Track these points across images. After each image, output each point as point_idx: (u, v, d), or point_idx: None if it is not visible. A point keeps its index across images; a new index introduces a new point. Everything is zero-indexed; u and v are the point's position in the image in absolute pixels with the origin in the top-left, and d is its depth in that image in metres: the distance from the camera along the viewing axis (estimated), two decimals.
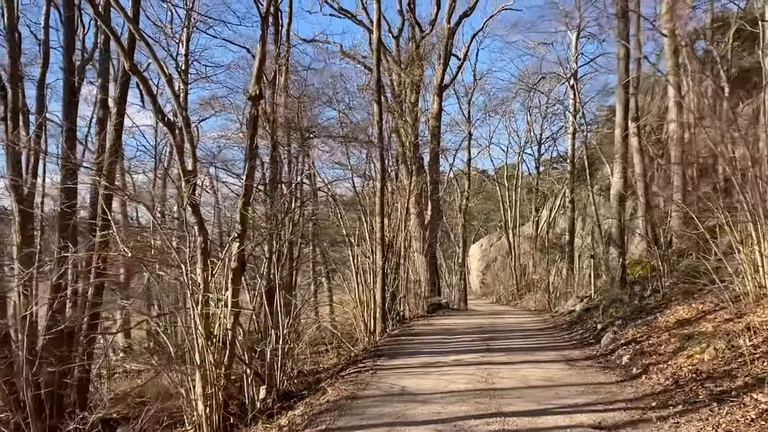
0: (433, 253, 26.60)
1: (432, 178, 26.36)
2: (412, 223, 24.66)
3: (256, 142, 8.48)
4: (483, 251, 54.27)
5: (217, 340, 8.97)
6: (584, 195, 35.27)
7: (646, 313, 11.26)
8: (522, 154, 46.21)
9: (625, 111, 15.27)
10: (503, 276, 45.26)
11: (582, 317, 14.32)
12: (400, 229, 20.45)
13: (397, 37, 27.58)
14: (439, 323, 16.79)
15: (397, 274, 20.03)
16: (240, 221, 8.81)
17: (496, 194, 50.61)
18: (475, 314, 21.45)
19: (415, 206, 24.86)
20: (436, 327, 15.82)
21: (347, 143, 16.67)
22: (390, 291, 18.58)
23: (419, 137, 25.34)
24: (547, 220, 44.46)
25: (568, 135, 32.00)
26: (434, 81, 27.88)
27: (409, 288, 21.92)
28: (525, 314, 20.70)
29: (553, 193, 46.88)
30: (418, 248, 24.82)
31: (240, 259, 8.91)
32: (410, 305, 21.29)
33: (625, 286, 15.14)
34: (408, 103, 25.84)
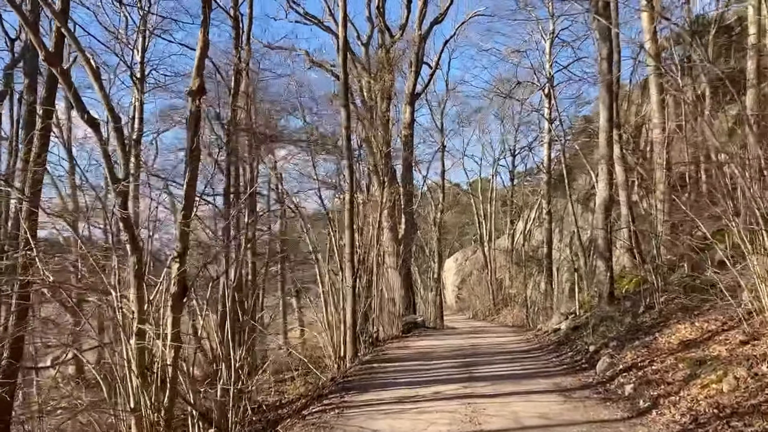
0: (408, 268, 25.39)
1: (405, 190, 25.20)
2: (385, 237, 23.47)
3: (197, 144, 7.20)
4: (458, 265, 53.29)
5: (155, 377, 7.64)
6: (560, 206, 34.51)
7: (643, 332, 10.18)
8: (496, 166, 45.45)
9: (610, 113, 14.33)
10: (479, 290, 44.23)
11: (570, 337, 13.21)
12: (372, 244, 19.27)
13: (366, 44, 26.54)
14: (416, 345, 15.56)
15: (369, 293, 18.79)
16: (179, 238, 7.50)
17: (471, 207, 49.73)
18: (453, 333, 20.26)
19: (388, 219, 23.69)
20: (412, 350, 14.58)
21: (313, 151, 15.42)
22: (362, 311, 17.33)
23: (391, 148, 24.22)
24: (523, 233, 43.67)
25: (544, 144, 31.18)
26: (406, 89, 26.85)
27: (383, 306, 20.69)
28: (506, 332, 19.58)
29: (528, 205, 46.17)
30: (392, 264, 23.61)
31: (181, 283, 7.58)
32: (384, 325, 20.05)
33: (613, 302, 14.08)
34: (379, 112, 24.75)
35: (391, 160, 24.20)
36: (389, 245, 23.82)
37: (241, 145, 13.78)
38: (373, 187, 23.14)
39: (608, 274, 14.07)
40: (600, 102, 14.51)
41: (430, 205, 41.49)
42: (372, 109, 23.67)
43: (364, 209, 19.59)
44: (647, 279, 14.91)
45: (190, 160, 7.32)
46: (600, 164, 14.37)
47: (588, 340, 11.98)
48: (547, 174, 30.85)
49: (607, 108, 14.27)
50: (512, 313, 35.98)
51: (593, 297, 16.80)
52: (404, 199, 25.27)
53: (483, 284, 43.54)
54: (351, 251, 14.45)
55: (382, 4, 25.33)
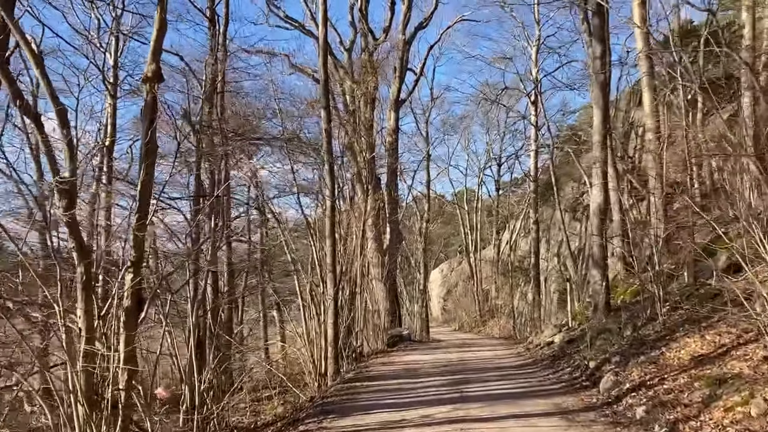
0: (393, 279, 24.53)
1: (390, 198, 24.40)
2: (369, 247, 22.62)
3: (152, 137, 6.33)
4: (443, 276, 52.58)
5: (106, 405, 6.71)
6: (547, 215, 33.90)
7: (648, 346, 9.40)
8: (482, 175, 44.86)
9: (604, 114, 13.65)
10: (465, 302, 43.47)
11: (565, 351, 12.41)
12: (355, 254, 18.41)
13: (350, 49, 25.79)
14: (401, 360, 14.68)
15: (353, 305, 17.90)
16: (133, 245, 6.59)
17: (456, 218, 49.04)
18: (440, 347, 19.39)
19: (373, 229, 22.85)
20: (398, 366, 13.70)
21: (290, 152, 14.55)
22: (345, 324, 16.44)
23: (376, 153, 23.42)
24: (509, 243, 43.02)
25: (531, 153, 30.56)
26: (390, 95, 26.15)
27: (368, 319, 19.78)
28: (495, 345, 18.75)
29: (514, 216, 45.59)
30: (377, 275, 22.75)
31: (135, 296, 6.67)
32: (368, 339, 19.15)
33: (610, 313, 13.32)
34: (362, 117, 23.97)
35: (376, 167, 23.41)
36: (374, 255, 22.98)
37: (215, 146, 12.90)
38: (357, 195, 22.30)
39: (604, 283, 13.32)
40: (593, 103, 13.84)
41: (415, 216, 40.72)
42: (355, 114, 22.88)
43: (348, 217, 18.73)
44: (645, 288, 14.20)
45: (145, 155, 6.43)
46: (594, 167, 13.67)
47: (586, 354, 11.18)
48: (534, 182, 30.19)
49: (601, 109, 13.59)
50: (499, 325, 35.26)
51: (587, 308, 16.05)
52: (389, 207, 24.48)
53: (469, 295, 42.82)
54: (332, 261, 13.58)
55: (365, 6, 24.60)
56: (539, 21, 30.59)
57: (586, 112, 41.47)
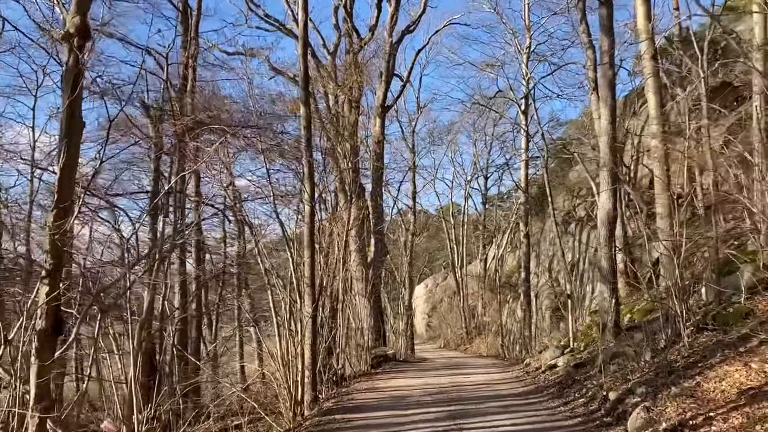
0: (378, 295, 23.07)
1: (375, 208, 23.00)
2: (352, 260, 21.18)
3: (76, 111, 4.90)
4: (428, 292, 51.25)
5: None
6: (537, 229, 32.67)
7: (678, 375, 8.03)
8: (468, 188, 43.70)
9: (612, 114, 12.40)
10: (451, 318, 42.06)
11: (573, 377, 11.02)
12: (338, 267, 16.95)
13: (333, 53, 24.49)
14: (387, 386, 13.20)
15: (334, 323, 16.43)
16: (50, 249, 5.12)
17: (441, 232, 47.81)
18: (428, 368, 17.92)
19: (356, 240, 21.41)
20: (384, 392, 12.23)
21: (266, 153, 13.10)
22: (325, 344, 14.95)
23: (360, 157, 22.06)
24: (496, 258, 41.83)
25: (521, 163, 29.39)
26: (376, 101, 24.83)
27: (350, 336, 18.27)
28: (488, 367, 17.31)
29: (501, 230, 44.46)
30: (360, 290, 21.27)
31: (51, 315, 5.19)
32: (351, 359, 17.63)
33: (619, 334, 11.97)
34: (347, 123, 22.62)
35: (359, 175, 22.04)
36: (357, 269, 21.53)
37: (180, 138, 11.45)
38: (340, 204, 20.86)
39: (613, 300, 11.98)
40: (600, 102, 12.61)
41: (400, 229, 39.33)
42: (338, 118, 21.52)
43: (330, 227, 17.30)
44: (662, 306, 12.90)
45: (66, 131, 4.98)
46: (601, 171, 12.39)
47: (598, 381, 9.81)
48: (525, 194, 28.99)
49: (609, 108, 12.34)
50: (486, 343, 33.94)
51: (590, 327, 14.73)
52: (374, 217, 23.08)
53: (455, 312, 41.45)
54: (311, 274, 12.11)
55: (350, 4, 23.34)
56: (530, 28, 29.66)
57: (576, 123, 40.58)
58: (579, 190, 29.37)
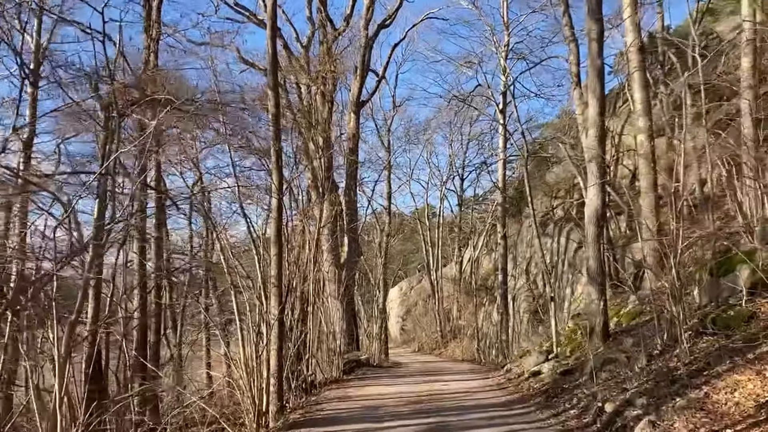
0: (351, 297, 22.15)
1: (349, 206, 22.07)
2: (324, 261, 20.21)
3: None
4: (402, 295, 50.44)
5: None
6: (514, 231, 32.05)
7: (681, 384, 7.27)
8: (444, 189, 43.04)
9: (601, 105, 11.67)
10: (425, 322, 41.31)
11: (560, 385, 10.22)
12: (308, 268, 16.00)
13: (307, 46, 23.56)
14: (360, 394, 12.28)
15: (304, 326, 15.46)
16: None
17: (416, 234, 47.05)
18: (403, 373, 17.04)
19: (329, 240, 20.48)
20: (356, 402, 11.30)
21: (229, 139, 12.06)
22: (294, 349, 13.97)
23: (333, 153, 21.12)
24: (472, 260, 41.20)
25: (499, 162, 28.70)
26: (350, 96, 23.95)
27: (322, 340, 17.30)
28: (466, 372, 16.49)
29: (477, 232, 43.87)
30: (333, 292, 20.32)
31: None
32: (322, 364, 16.67)
33: (608, 339, 11.25)
34: (320, 118, 21.67)
35: (333, 172, 21.10)
36: (330, 270, 20.57)
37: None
38: (312, 203, 19.89)
39: (602, 303, 11.24)
40: (588, 92, 11.87)
41: (375, 230, 38.41)
42: (311, 112, 20.55)
43: (301, 224, 16.35)
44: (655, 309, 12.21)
45: None
46: (589, 165, 11.64)
47: (590, 390, 9.03)
48: (503, 195, 28.31)
49: (598, 98, 11.62)
50: (461, 346, 33.28)
51: (574, 331, 13.99)
52: (347, 216, 22.14)
53: (429, 315, 40.73)
54: (278, 273, 11.14)
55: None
56: (508, 25, 29.04)
57: (552, 125, 40.17)
58: (557, 191, 28.83)
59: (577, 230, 23.18)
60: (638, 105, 15.17)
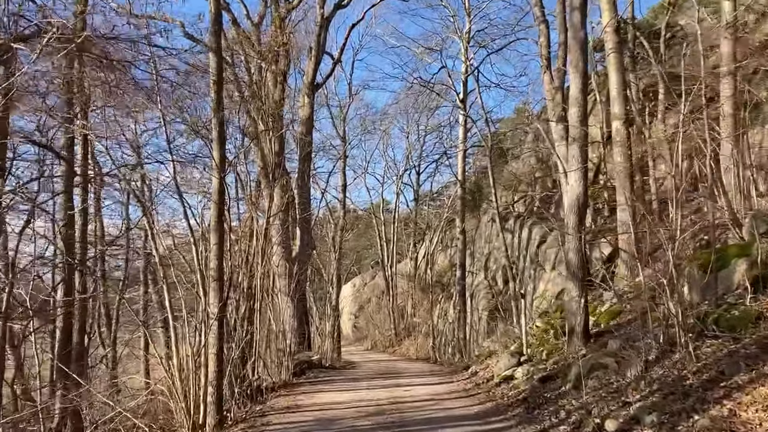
0: (303, 293, 20.63)
1: (301, 196, 20.56)
2: (275, 254, 18.68)
3: None
4: (355, 292, 49.16)
5: None
6: (471, 226, 31.10)
7: (696, 398, 6.15)
8: (400, 184, 41.85)
9: (584, 82, 10.57)
10: (379, 319, 40.03)
11: (540, 393, 9.04)
12: (256, 261, 14.51)
13: (258, 24, 21.86)
14: (313, 403, 10.86)
15: (251, 325, 13.95)
16: None
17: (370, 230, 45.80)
18: (359, 376, 15.69)
19: (279, 231, 18.93)
20: (308, 413, 9.87)
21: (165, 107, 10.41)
22: (238, 350, 12.48)
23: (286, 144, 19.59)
24: (428, 256, 40.20)
25: (459, 154, 27.63)
26: (304, 78, 22.43)
27: (271, 340, 15.78)
28: (427, 375, 15.23)
29: (432, 228, 42.89)
30: (284, 288, 18.78)
31: None
32: (270, 366, 15.16)
33: (589, 341, 10.17)
34: (270, 101, 20.05)
35: (284, 157, 19.56)
36: (280, 264, 19.02)
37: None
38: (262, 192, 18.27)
39: (582, 301, 10.14)
40: (571, 68, 10.74)
41: (328, 224, 36.88)
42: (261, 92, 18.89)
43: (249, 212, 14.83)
44: (624, 309, 11.20)
45: None
46: (570, 148, 10.51)
47: (579, 401, 7.87)
48: (462, 187, 27.26)
49: (581, 74, 10.51)
50: (416, 345, 32.15)
51: (545, 331, 12.90)
52: (300, 207, 20.63)
53: (383, 312, 39.49)
54: (219, 265, 9.63)
55: None
56: (470, 12, 28.01)
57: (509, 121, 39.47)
58: (518, 185, 27.99)
59: (541, 225, 22.31)
60: (613, 90, 14.21)
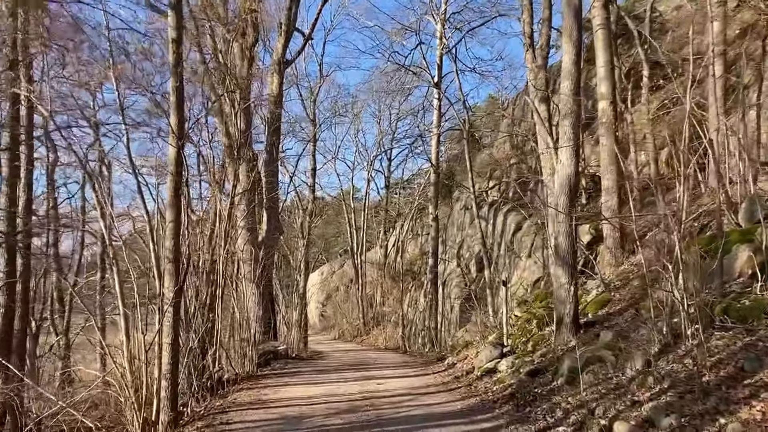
0: (269, 280, 19.63)
1: (269, 177, 19.51)
2: (240, 239, 17.63)
3: None
4: (323, 280, 48.21)
5: None
6: (444, 214, 30.35)
7: (719, 397, 5.42)
8: (371, 170, 40.94)
9: (577, 52, 9.77)
10: (347, 308, 39.19)
11: (529, 388, 8.28)
12: (218, 244, 13.48)
13: None
14: (278, 398, 9.93)
15: (212, 312, 12.94)
16: None
17: (340, 218, 44.82)
18: (328, 367, 14.80)
19: (246, 216, 17.84)
20: (274, 410, 8.95)
21: None
22: (197, 340, 11.50)
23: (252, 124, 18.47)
24: (398, 244, 39.46)
25: (433, 139, 26.80)
26: (274, 55, 21.29)
27: (234, 329, 14.77)
28: (402, 367, 14.41)
29: (403, 215, 42.13)
30: (249, 274, 17.76)
31: None
32: (232, 358, 14.18)
33: (579, 331, 9.44)
34: (237, 75, 18.89)
35: (251, 131, 18.45)
36: (245, 249, 17.98)
37: None
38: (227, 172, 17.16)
39: (572, 288, 9.40)
40: (564, 38, 9.94)
41: (297, 210, 35.73)
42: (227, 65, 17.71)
43: (212, 189, 13.77)
44: (612, 298, 10.53)
45: None
46: (562, 123, 9.74)
47: (575, 398, 7.12)
48: (436, 172, 26.47)
49: (574, 44, 9.72)
50: (385, 334, 31.48)
51: (528, 321, 12.18)
52: (267, 189, 19.58)
53: (351, 301, 38.67)
54: (175, 245, 8.60)
55: None
56: None
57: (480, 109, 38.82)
58: (492, 172, 27.31)
59: (517, 212, 21.65)
60: (600, 68, 13.49)
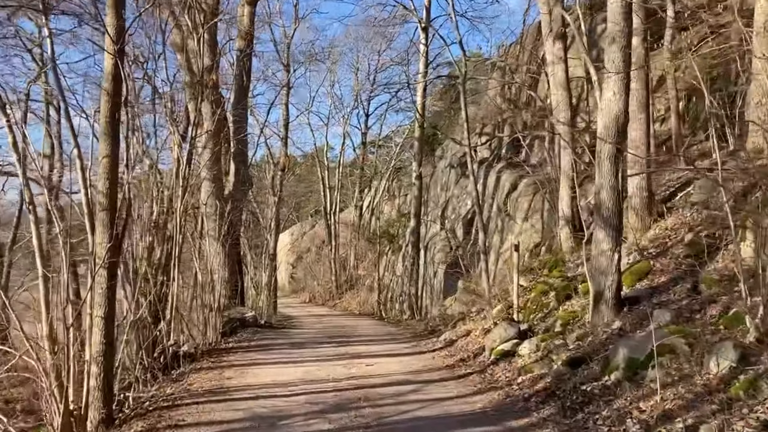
0: (237, 239, 17.50)
1: (237, 125, 17.21)
2: (203, 191, 15.46)
3: None
4: (293, 240, 46.18)
5: None
6: (426, 173, 28.32)
7: None
8: (347, 125, 38.61)
9: None
10: (318, 270, 37.28)
11: (572, 384, 6.40)
12: (176, 193, 11.33)
13: None
14: (246, 384, 7.96)
15: (167, 275, 10.86)
16: None
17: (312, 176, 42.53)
18: (304, 340, 12.89)
19: (210, 165, 15.61)
20: (239, 404, 6.98)
21: None
22: (147, 305, 9.44)
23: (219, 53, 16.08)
24: (373, 204, 37.48)
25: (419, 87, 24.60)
26: None
27: (196, 295, 12.66)
28: (390, 341, 12.52)
29: (379, 175, 40.05)
30: (213, 231, 15.58)
31: None
32: (194, 326, 12.14)
33: (622, 310, 7.61)
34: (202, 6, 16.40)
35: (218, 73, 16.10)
36: (210, 203, 15.77)
37: None
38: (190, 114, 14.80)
39: (616, 256, 7.53)
40: None
41: (267, 165, 33.29)
42: None
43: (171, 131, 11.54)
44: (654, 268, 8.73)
45: None
46: (608, 50, 7.72)
47: (646, 404, 5.29)
48: (421, 127, 24.41)
49: None
50: (358, 298, 29.81)
51: (543, 293, 10.34)
52: (235, 138, 17.33)
53: (323, 263, 36.72)
54: (111, 188, 6.44)
55: None
56: None
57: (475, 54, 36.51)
58: (482, 128, 25.29)
59: (512, 170, 19.76)
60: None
